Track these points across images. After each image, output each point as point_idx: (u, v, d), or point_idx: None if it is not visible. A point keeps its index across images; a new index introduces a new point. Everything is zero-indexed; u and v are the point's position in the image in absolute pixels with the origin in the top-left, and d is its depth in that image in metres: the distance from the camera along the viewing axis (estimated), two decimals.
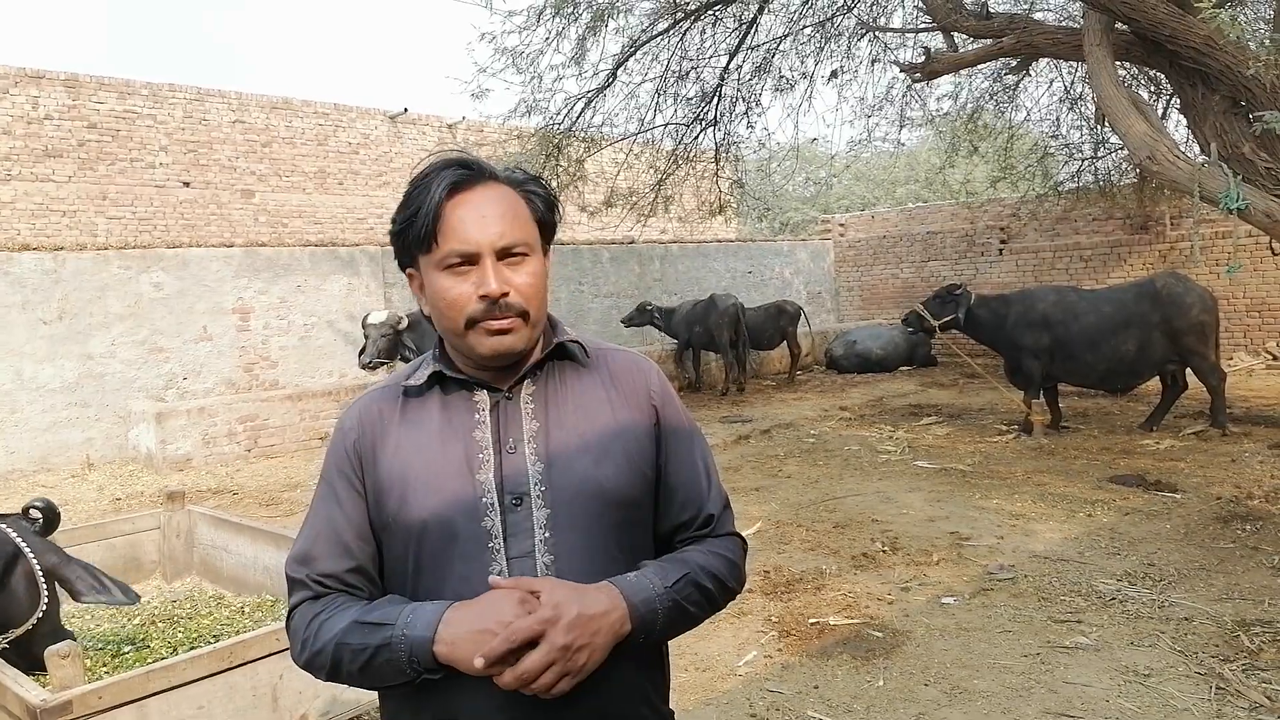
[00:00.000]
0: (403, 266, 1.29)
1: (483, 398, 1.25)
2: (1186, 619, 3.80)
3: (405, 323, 8.18)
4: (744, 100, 10.30)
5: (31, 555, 2.56)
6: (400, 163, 16.24)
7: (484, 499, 1.19)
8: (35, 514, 2.65)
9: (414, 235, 1.21)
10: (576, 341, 1.31)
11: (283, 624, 2.60)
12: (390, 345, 8.11)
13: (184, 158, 13.69)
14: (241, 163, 14.33)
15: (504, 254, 1.20)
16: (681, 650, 3.62)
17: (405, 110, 16.30)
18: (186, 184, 13.74)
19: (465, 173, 1.21)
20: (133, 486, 7.80)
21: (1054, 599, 4.12)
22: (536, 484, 1.20)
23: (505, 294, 1.19)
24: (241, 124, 14.37)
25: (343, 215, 15.57)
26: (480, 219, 1.19)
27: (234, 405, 8.87)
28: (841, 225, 17.22)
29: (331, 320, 10.66)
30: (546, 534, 1.19)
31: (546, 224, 1.28)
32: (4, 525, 2.52)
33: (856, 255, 16.67)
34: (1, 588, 2.50)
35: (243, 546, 3.75)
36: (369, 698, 2.74)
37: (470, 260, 1.19)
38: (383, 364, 8.23)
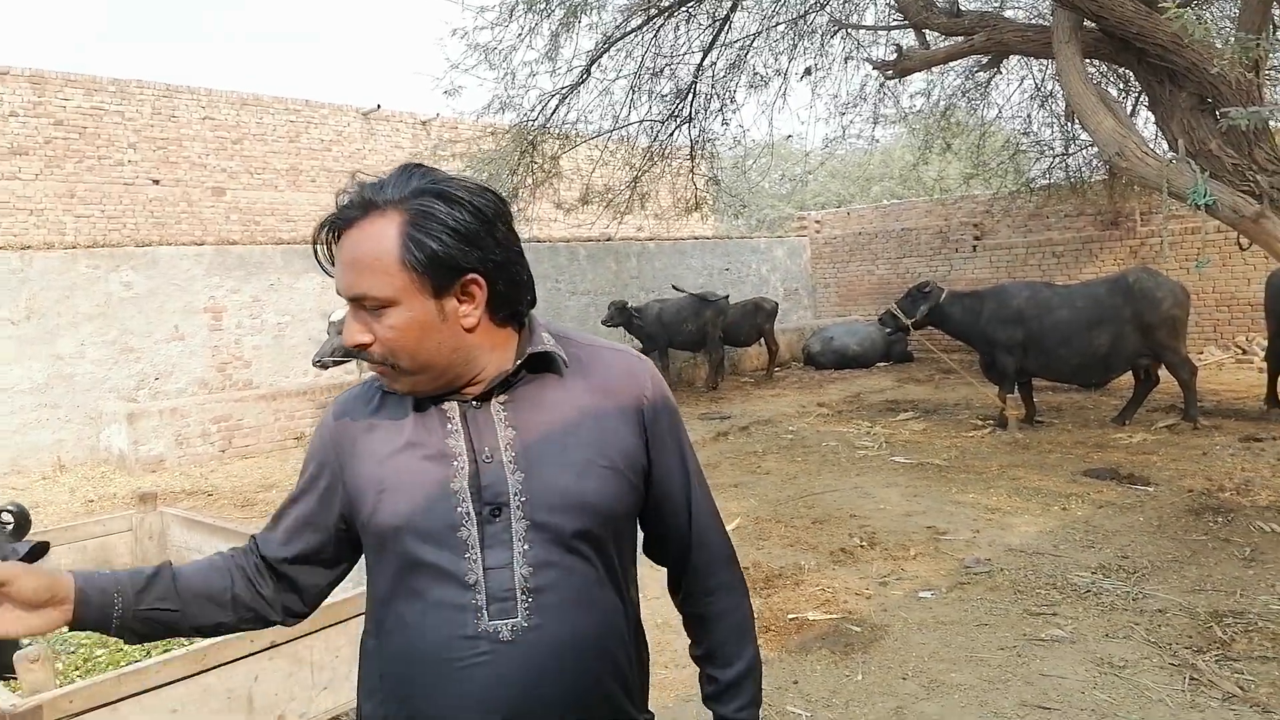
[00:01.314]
0: None
1: (453, 406, 1.21)
2: (1160, 611, 3.85)
3: None
4: (718, 97, 10.32)
5: None
6: (374, 160, 16.10)
7: (459, 508, 1.16)
8: (7, 518, 2.60)
9: (321, 265, 1.21)
10: (553, 351, 1.23)
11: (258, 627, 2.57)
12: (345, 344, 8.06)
13: (153, 155, 13.50)
14: (212, 160, 14.16)
15: (360, 303, 1.15)
16: (660, 647, 3.62)
17: (378, 107, 16.18)
18: (156, 181, 13.55)
19: (346, 215, 1.15)
20: (105, 488, 7.68)
21: (1029, 592, 4.16)
22: (516, 494, 1.17)
23: (362, 344, 1.16)
24: (211, 120, 14.20)
25: (315, 213, 15.41)
26: (342, 264, 1.15)
27: (207, 405, 8.76)
28: (817, 222, 17.30)
29: (305, 319, 10.55)
30: (525, 546, 1.16)
31: (434, 263, 1.12)
32: None
33: (833, 252, 16.75)
34: None
35: (217, 548, 3.68)
36: (345, 700, 2.71)
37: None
38: (338, 362, 8.18)
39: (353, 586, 2.88)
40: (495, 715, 1.13)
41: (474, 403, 1.21)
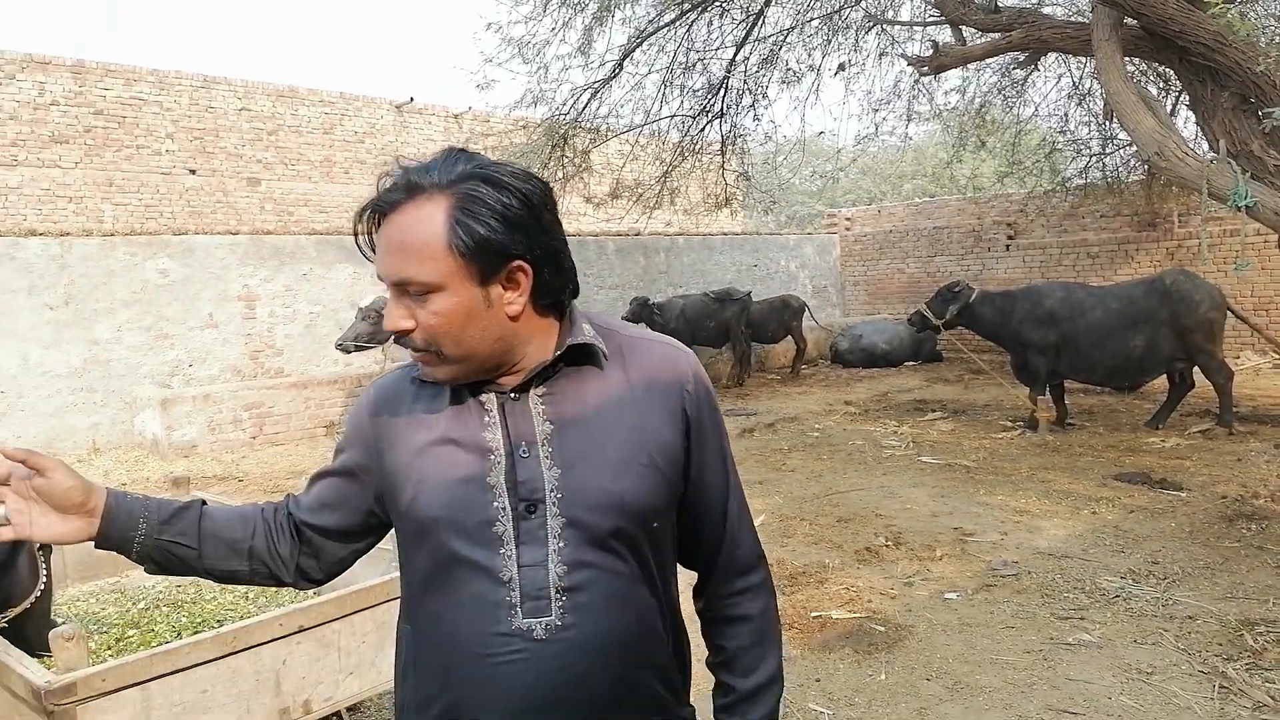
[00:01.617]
0: None
1: (490, 398, 1.19)
2: (1190, 617, 3.79)
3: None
4: (750, 93, 10.27)
5: None
6: (407, 152, 16.11)
7: (495, 503, 1.14)
8: None
9: (360, 249, 1.18)
10: (593, 343, 1.19)
11: (287, 610, 2.61)
12: (370, 330, 8.12)
13: (190, 145, 13.69)
14: (247, 150, 14.33)
15: (404, 289, 1.12)
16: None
17: (411, 100, 16.29)
18: (193, 171, 13.74)
19: (389, 198, 1.11)
20: (139, 472, 7.82)
21: (1057, 595, 4.11)
22: (552, 490, 1.14)
23: (404, 331, 1.13)
24: (248, 112, 14.36)
25: (348, 204, 15.56)
26: (385, 248, 1.12)
27: (239, 393, 8.88)
28: (848, 219, 17.18)
29: (336, 309, 10.66)
30: (560, 544, 1.14)
31: (482, 249, 1.09)
32: None
33: (863, 249, 16.63)
34: (7, 566, 2.50)
35: None
36: (371, 685, 2.75)
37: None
38: (360, 347, 8.24)
39: (380, 573, 2.91)
40: (530, 713, 1.12)
41: (512, 394, 1.18)
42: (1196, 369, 7.51)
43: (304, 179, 15.04)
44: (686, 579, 1.29)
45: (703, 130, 10.61)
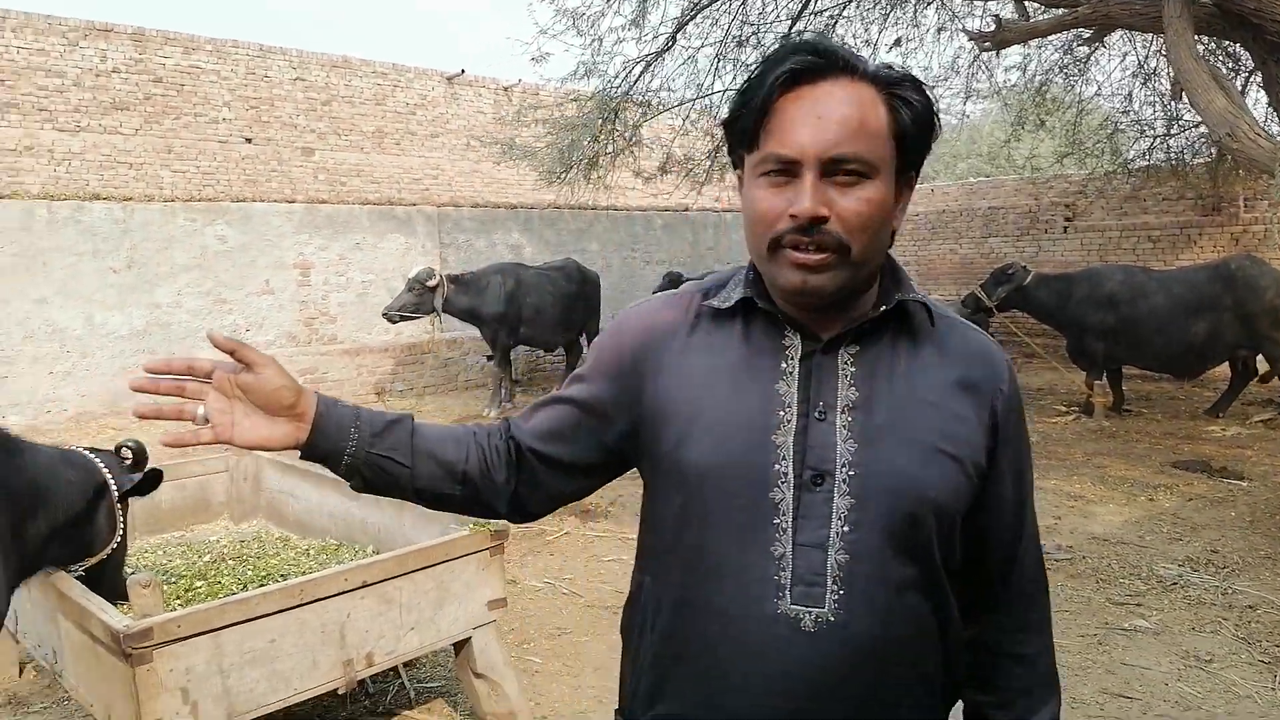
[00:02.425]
0: (733, 163, 1.09)
1: (794, 343, 1.04)
2: (1251, 607, 3.72)
3: (436, 278, 8.21)
4: None
5: (115, 490, 2.65)
6: (456, 124, 16.26)
7: (777, 467, 1.00)
8: (126, 453, 2.75)
9: (739, 128, 1.02)
10: (923, 303, 1.07)
11: (351, 565, 2.67)
12: (416, 301, 8.19)
13: (246, 114, 13.87)
14: (302, 120, 14.48)
15: (832, 168, 0.96)
16: None
17: (462, 72, 16.31)
18: (249, 140, 13.93)
19: (812, 60, 0.97)
20: None
21: (1113, 581, 4.06)
22: (844, 465, 1.00)
23: (821, 218, 0.96)
24: (302, 82, 14.51)
25: (399, 175, 15.68)
26: (813, 120, 0.96)
27: (294, 358, 9.07)
28: None
29: (387, 279, 10.80)
30: (845, 528, 0.99)
31: (913, 142, 1.00)
32: (97, 459, 2.61)
33: (914, 229, 16.37)
34: (89, 517, 2.59)
35: (308, 492, 3.84)
36: (430, 641, 2.81)
37: (789, 169, 0.97)
38: (407, 317, 8.31)
39: (439, 533, 2.97)
40: (785, 705, 1.00)
41: (822, 346, 1.04)
42: (1260, 357, 7.31)
43: (356, 149, 15.17)
44: None
45: None
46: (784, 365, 1.04)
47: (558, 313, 8.97)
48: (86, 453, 2.64)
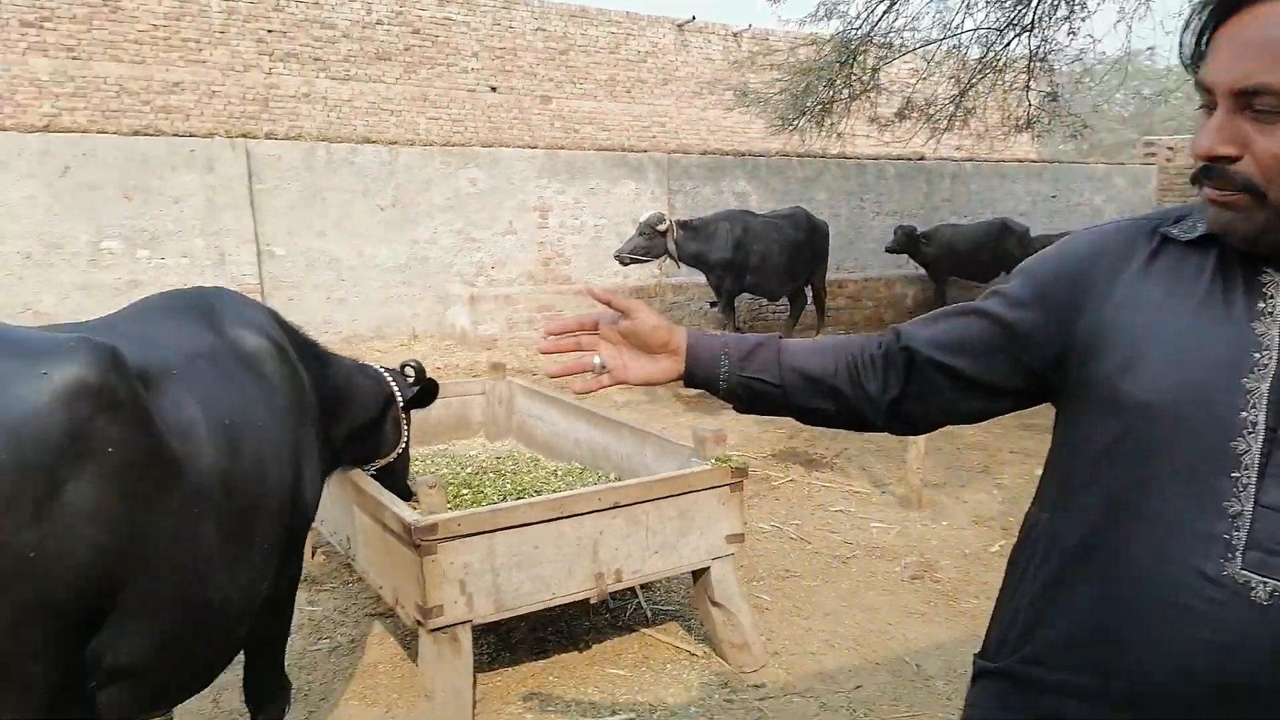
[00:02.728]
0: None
1: (1275, 281, 0.93)
2: None
3: (666, 223, 8.29)
4: (1067, 2, 9.27)
5: (401, 400, 2.96)
6: (684, 72, 16.37)
7: (1244, 414, 0.90)
8: (410, 370, 3.06)
9: (1181, 51, 0.95)
10: None
11: (604, 486, 2.85)
12: (646, 245, 8.30)
13: (491, 64, 14.67)
14: (541, 69, 15.12)
15: (1245, 101, 0.87)
16: (968, 579, 3.54)
17: (693, 18, 16.34)
18: (494, 89, 14.74)
19: None
20: (450, 359, 8.73)
21: None
22: None
23: (1221, 158, 0.89)
24: (543, 32, 15.11)
25: (629, 123, 16.06)
26: (1237, 48, 0.88)
27: (534, 295, 9.62)
28: (1169, 149, 15.27)
29: (619, 224, 11.14)
30: None
31: None
32: (386, 373, 2.93)
33: (1185, 185, 14.72)
34: (379, 425, 2.91)
35: (555, 418, 4.11)
36: (673, 564, 2.94)
37: (1212, 102, 0.91)
38: (637, 260, 8.44)
39: (678, 466, 3.09)
40: (1209, 677, 0.90)
41: None
42: None
43: (589, 97, 15.67)
44: (962, 513, 1.21)
45: (1008, 45, 9.76)
46: (1262, 305, 0.92)
47: (784, 261, 8.88)
48: (378, 367, 2.97)
